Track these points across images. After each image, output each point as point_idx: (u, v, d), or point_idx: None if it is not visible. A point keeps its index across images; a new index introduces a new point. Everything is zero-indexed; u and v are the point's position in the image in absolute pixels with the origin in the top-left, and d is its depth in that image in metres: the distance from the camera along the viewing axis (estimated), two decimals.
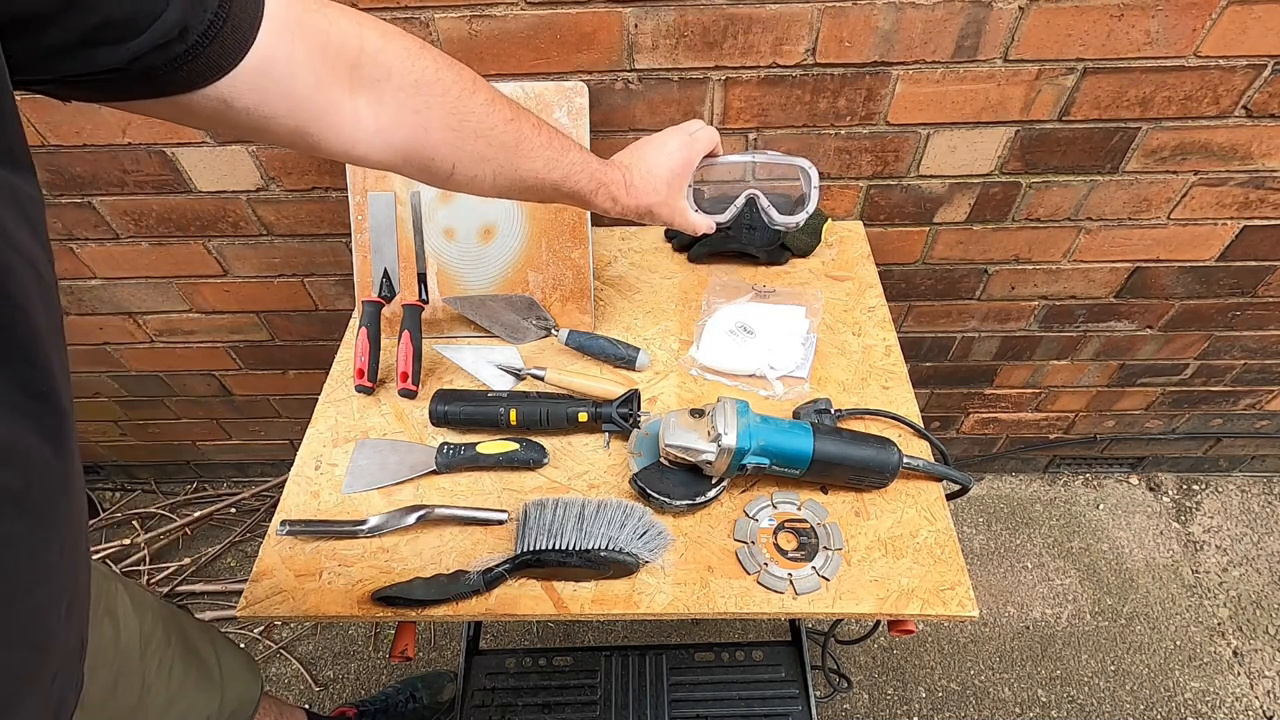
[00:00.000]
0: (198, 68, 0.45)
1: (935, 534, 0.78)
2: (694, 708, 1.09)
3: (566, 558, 0.73)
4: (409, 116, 0.58)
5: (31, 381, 0.34)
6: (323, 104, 0.53)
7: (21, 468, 0.34)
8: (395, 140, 0.58)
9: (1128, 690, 1.47)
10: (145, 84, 0.44)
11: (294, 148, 0.56)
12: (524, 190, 0.68)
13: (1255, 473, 1.81)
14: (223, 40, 0.45)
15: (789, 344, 0.95)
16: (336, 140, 0.55)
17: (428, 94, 0.58)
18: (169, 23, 0.42)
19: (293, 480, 0.85)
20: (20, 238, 0.33)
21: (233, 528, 1.75)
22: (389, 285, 0.96)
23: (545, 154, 0.67)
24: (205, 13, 0.44)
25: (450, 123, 0.60)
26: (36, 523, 0.36)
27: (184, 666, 0.82)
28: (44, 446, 0.35)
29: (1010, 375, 1.52)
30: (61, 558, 0.38)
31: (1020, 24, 0.93)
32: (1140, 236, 1.21)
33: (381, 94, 0.56)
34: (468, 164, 0.62)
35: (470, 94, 0.60)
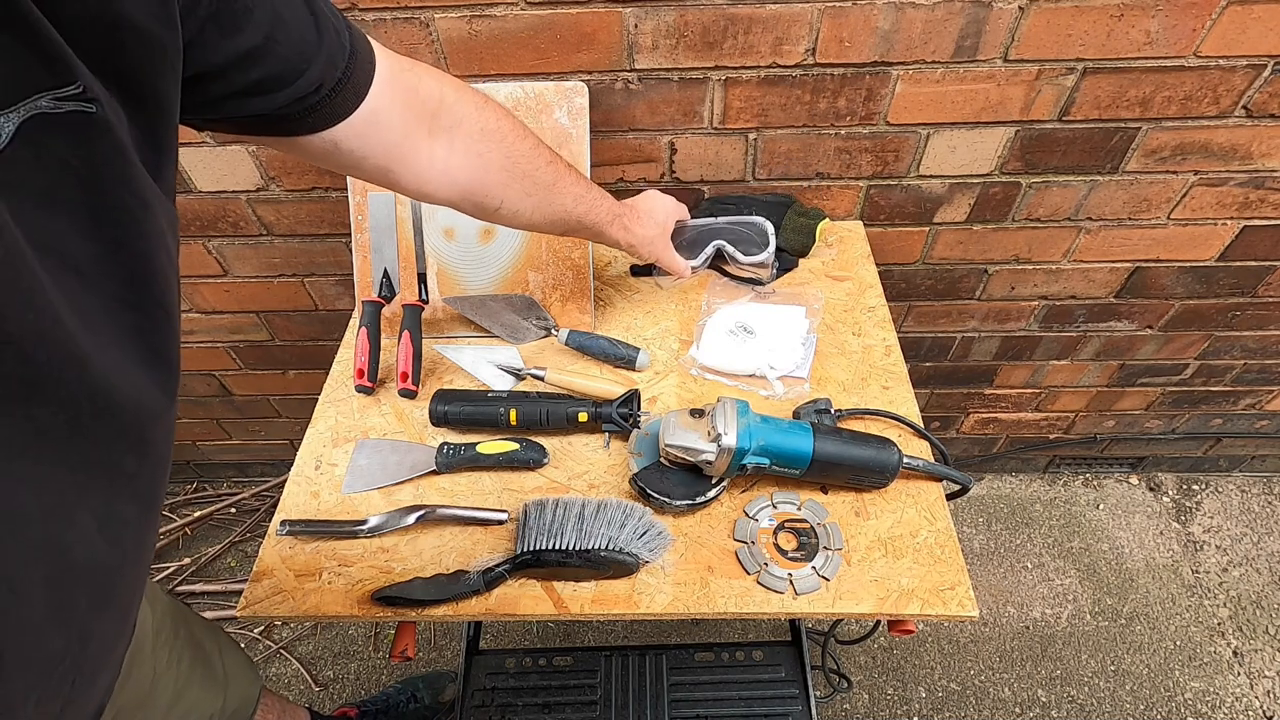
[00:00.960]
0: (321, 116, 0.53)
1: (935, 534, 0.78)
2: (694, 708, 1.09)
3: (566, 558, 0.73)
4: (473, 160, 0.68)
5: (166, 382, 0.42)
6: (408, 148, 0.62)
7: (139, 457, 0.41)
8: (460, 179, 0.68)
9: (1128, 690, 1.47)
10: (276, 126, 0.52)
11: (376, 183, 0.65)
12: (554, 223, 0.78)
13: (1255, 473, 1.81)
14: (344, 95, 0.54)
15: (789, 344, 0.95)
16: (413, 179, 0.65)
17: (490, 140, 0.68)
18: (311, 79, 0.50)
19: (293, 480, 0.85)
20: (174, 254, 0.41)
21: (233, 528, 1.75)
22: (389, 285, 0.96)
23: (575, 190, 0.77)
24: (336, 70, 0.52)
25: (505, 164, 0.70)
26: (144, 509, 0.42)
27: (190, 661, 0.83)
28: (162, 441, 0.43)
29: (1010, 375, 1.52)
30: (153, 534, 0.46)
31: (1020, 24, 0.93)
32: (1140, 236, 1.21)
33: (454, 139, 0.66)
34: (514, 199, 0.72)
35: (521, 139, 0.71)
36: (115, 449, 0.38)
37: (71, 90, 0.31)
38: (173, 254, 0.41)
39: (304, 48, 0.49)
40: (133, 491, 0.41)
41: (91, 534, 0.38)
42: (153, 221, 0.38)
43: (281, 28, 0.47)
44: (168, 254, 0.40)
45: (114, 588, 0.41)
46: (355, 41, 0.54)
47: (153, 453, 0.42)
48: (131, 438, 0.39)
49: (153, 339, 0.40)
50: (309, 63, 0.49)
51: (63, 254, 0.33)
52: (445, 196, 0.69)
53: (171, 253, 0.41)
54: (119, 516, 0.40)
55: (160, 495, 0.46)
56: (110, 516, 0.39)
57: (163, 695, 0.78)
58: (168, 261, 0.40)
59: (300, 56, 0.49)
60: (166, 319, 0.41)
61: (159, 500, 0.46)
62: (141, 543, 0.44)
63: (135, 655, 0.73)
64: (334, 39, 0.51)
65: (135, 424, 0.39)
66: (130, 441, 0.39)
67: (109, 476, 0.39)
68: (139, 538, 0.43)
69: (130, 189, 0.36)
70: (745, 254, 1.01)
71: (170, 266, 0.40)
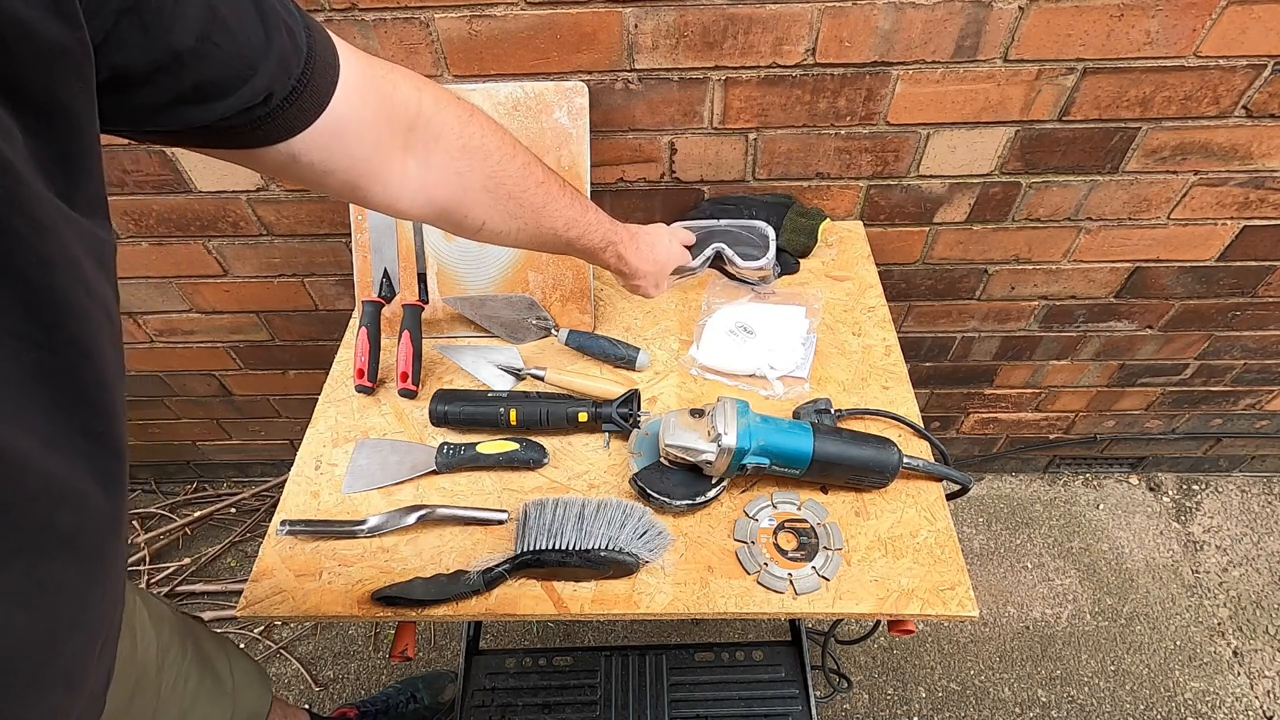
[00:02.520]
0: (274, 127, 0.48)
1: (935, 534, 0.78)
2: (694, 708, 1.09)
3: (566, 558, 0.73)
4: (452, 178, 0.62)
5: (90, 424, 0.35)
6: (378, 162, 0.56)
7: (75, 510, 0.35)
8: (436, 197, 0.62)
9: (1128, 690, 1.47)
10: (222, 138, 0.47)
11: (341, 199, 0.59)
12: (542, 243, 0.74)
13: (1255, 473, 1.81)
14: (301, 104, 0.48)
15: (789, 344, 0.95)
16: (383, 194, 0.59)
17: (472, 158, 0.62)
18: (257, 88, 0.44)
19: (293, 480, 0.85)
20: (96, 283, 0.34)
21: (233, 528, 1.75)
22: (389, 285, 0.96)
23: (567, 214, 0.72)
24: (289, 79, 0.46)
25: (488, 185, 0.64)
26: (84, 565, 0.36)
27: (198, 678, 0.83)
28: (97, 489, 0.36)
29: (1010, 375, 1.52)
30: (103, 599, 0.39)
31: (1020, 24, 0.93)
32: (1140, 236, 1.21)
33: (430, 155, 0.60)
34: (497, 221, 0.67)
35: (510, 159, 0.65)
36: (33, 509, 0.32)
37: None
38: (95, 288, 0.34)
39: (248, 51, 0.43)
40: (70, 550, 0.35)
41: (8, 613, 0.32)
42: (57, 247, 0.32)
43: (219, 28, 0.41)
44: (85, 286, 0.33)
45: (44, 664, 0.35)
46: (315, 43, 0.48)
47: (90, 504, 0.36)
48: (52, 495, 0.33)
49: (71, 381, 0.34)
50: (254, 69, 0.43)
51: None
52: (419, 214, 0.63)
53: (93, 286, 0.34)
54: (48, 583, 0.34)
55: (116, 540, 0.39)
56: (35, 587, 0.33)
57: (168, 716, 0.77)
58: (85, 294, 0.33)
59: (243, 61, 0.43)
60: (90, 363, 0.34)
61: (113, 547, 0.39)
62: (87, 603, 0.37)
63: (138, 684, 0.73)
64: (285, 41, 0.45)
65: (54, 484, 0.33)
66: (52, 498, 0.33)
67: (33, 539, 0.32)
68: (79, 597, 0.36)
69: (22, 216, 0.30)
70: (745, 258, 1.01)
71: (90, 301, 0.34)
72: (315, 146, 0.51)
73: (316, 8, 0.92)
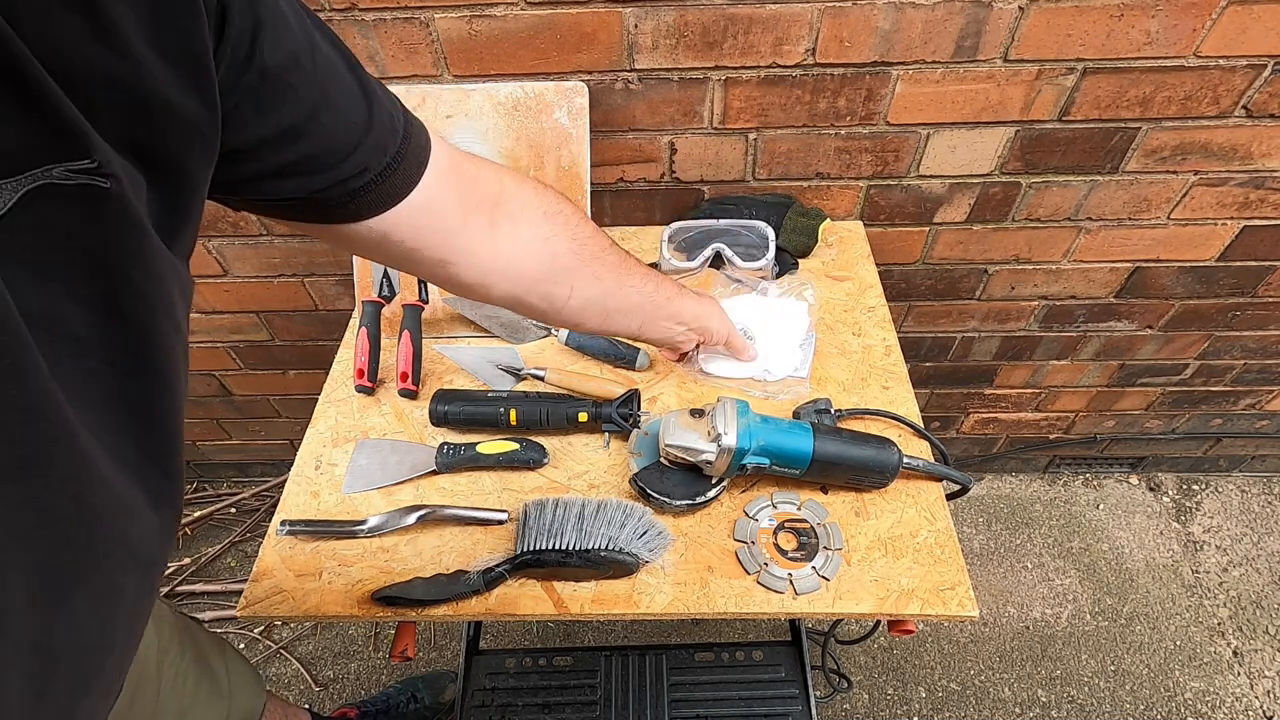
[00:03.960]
0: (367, 202, 0.49)
1: (935, 534, 0.78)
2: (694, 708, 1.09)
3: (566, 558, 0.73)
4: (539, 245, 0.63)
5: (157, 449, 0.39)
6: (467, 238, 0.58)
7: (140, 525, 0.38)
8: (527, 267, 0.63)
9: (1128, 690, 1.47)
10: (317, 210, 0.48)
11: (432, 279, 0.60)
12: (624, 308, 0.73)
13: (1255, 473, 1.81)
14: (393, 181, 0.49)
15: (788, 346, 0.95)
16: (475, 272, 0.60)
17: (554, 223, 0.64)
18: (354, 164, 0.46)
19: (293, 480, 0.85)
20: (183, 322, 0.39)
21: (233, 528, 1.75)
22: (389, 285, 0.96)
23: (642, 271, 0.73)
24: (385, 155, 0.48)
25: (573, 247, 0.65)
26: (140, 576, 0.40)
27: (196, 678, 0.83)
28: (153, 507, 0.39)
29: (1010, 375, 1.52)
30: (148, 607, 0.43)
31: (1020, 24, 0.93)
32: (1140, 236, 1.21)
33: (518, 226, 0.61)
34: (584, 285, 0.67)
35: (583, 222, 0.67)
36: (114, 521, 0.36)
37: (85, 164, 0.30)
38: (181, 325, 0.39)
39: (351, 131, 0.46)
40: (134, 560, 0.39)
41: (83, 615, 0.35)
42: (163, 295, 0.36)
43: (328, 108, 0.44)
44: (175, 327, 0.38)
45: (101, 670, 0.39)
46: (410, 126, 0.51)
47: (149, 521, 0.40)
48: (127, 508, 0.37)
49: (150, 409, 0.38)
50: (354, 147, 0.46)
51: (56, 323, 0.32)
52: (508, 290, 0.63)
53: (180, 324, 0.39)
54: (116, 589, 0.38)
55: (165, 557, 0.43)
56: (107, 592, 0.37)
57: (167, 715, 0.78)
58: (174, 334, 0.38)
59: (346, 141, 0.45)
60: (166, 390, 0.39)
61: (163, 559, 0.43)
62: (138, 613, 0.41)
63: (139, 683, 0.73)
64: (386, 123, 0.48)
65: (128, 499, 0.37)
66: (127, 512, 0.37)
67: (109, 548, 0.36)
68: (135, 608, 0.41)
69: (141, 264, 0.34)
70: (745, 258, 1.01)
71: (176, 339, 0.39)
72: (406, 223, 0.52)
73: (317, 8, 0.92)
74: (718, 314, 0.84)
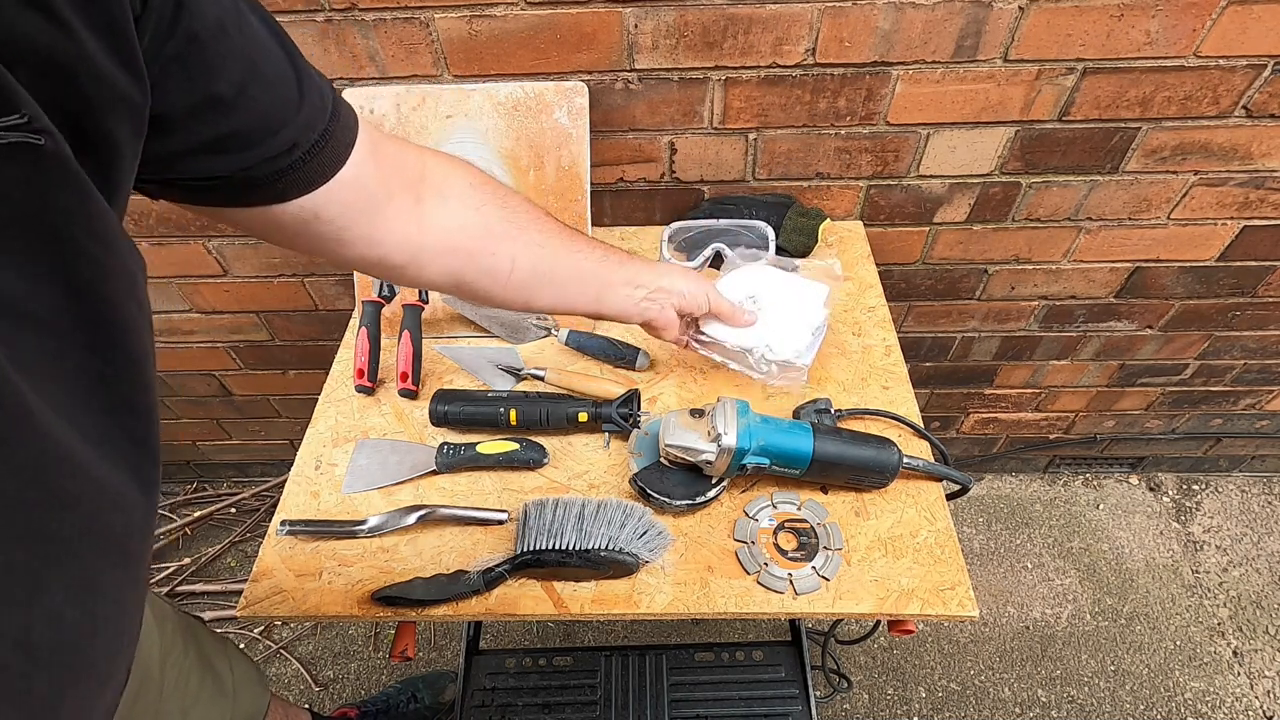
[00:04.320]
0: (296, 180, 0.48)
1: (935, 534, 0.78)
2: (694, 708, 1.09)
3: (566, 558, 0.73)
4: (470, 215, 0.62)
5: (135, 430, 0.37)
6: (394, 217, 0.57)
7: (122, 511, 0.37)
8: (459, 241, 0.61)
9: (1128, 690, 1.47)
10: (244, 192, 0.47)
11: (363, 265, 0.59)
12: (579, 278, 0.70)
13: (1255, 473, 1.81)
14: (321, 158, 0.49)
15: (797, 328, 0.87)
16: (404, 249, 0.59)
17: (482, 193, 0.63)
18: (283, 139, 0.46)
19: (293, 480, 0.85)
20: (143, 296, 0.37)
21: (233, 528, 1.75)
22: (389, 285, 0.96)
23: (584, 236, 0.71)
24: (313, 133, 0.48)
25: (505, 215, 0.64)
26: (126, 566, 0.38)
27: (199, 678, 0.83)
28: (137, 491, 0.38)
29: (1010, 375, 1.52)
30: (135, 596, 0.41)
31: (1020, 24, 0.93)
32: (1140, 236, 1.21)
33: (445, 200, 0.61)
34: (525, 254, 0.65)
35: (513, 194, 0.66)
36: (91, 510, 0.34)
37: (14, 120, 0.28)
38: (142, 299, 0.37)
39: (281, 107, 0.45)
40: (118, 547, 0.37)
41: (63, 608, 0.34)
42: (117, 263, 0.34)
43: (258, 82, 0.43)
44: (138, 303, 0.36)
45: (90, 663, 0.37)
46: (339, 105, 0.51)
47: (131, 505, 0.38)
48: (109, 498, 0.35)
49: (120, 388, 0.36)
50: (284, 123, 0.45)
51: (11, 305, 0.30)
52: (444, 267, 0.62)
53: (141, 297, 0.37)
54: (98, 579, 0.36)
55: (149, 541, 0.41)
56: (87, 582, 0.35)
57: (170, 714, 0.78)
58: (138, 311, 0.36)
59: (275, 116, 0.45)
60: (137, 370, 0.37)
61: (147, 548, 0.42)
62: (126, 601, 0.39)
63: (142, 683, 0.73)
64: (315, 100, 0.48)
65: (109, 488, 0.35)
66: (106, 499, 0.35)
67: (87, 537, 0.34)
68: (122, 597, 0.39)
69: (86, 225, 0.32)
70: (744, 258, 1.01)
71: (141, 316, 0.37)
72: (336, 201, 0.52)
73: (316, 7, 0.92)
74: (683, 275, 0.79)
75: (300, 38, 0.95)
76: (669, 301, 0.77)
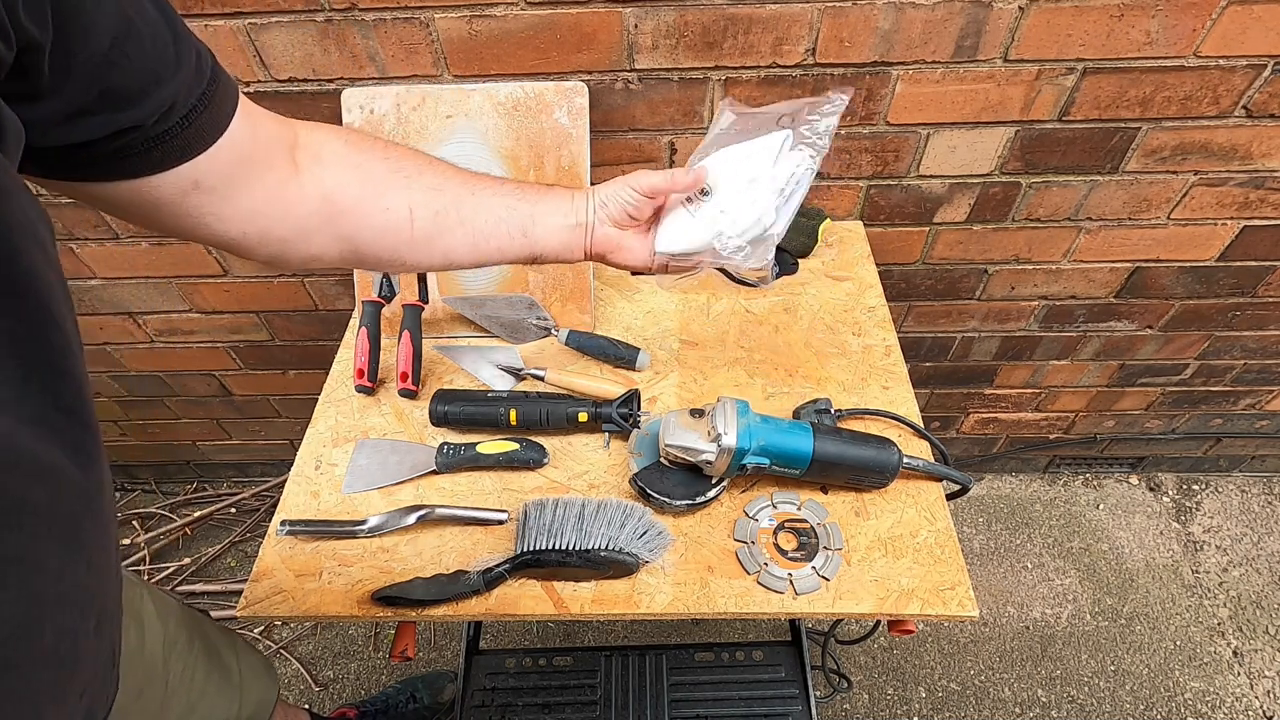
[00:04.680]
0: (173, 146, 0.46)
1: (935, 534, 0.78)
2: (694, 708, 1.09)
3: (566, 558, 0.73)
4: (350, 172, 0.58)
5: (60, 396, 0.34)
6: (272, 183, 0.55)
7: (50, 486, 0.34)
8: (346, 202, 0.58)
9: (1128, 690, 1.47)
10: (118, 161, 0.45)
11: (245, 242, 0.56)
12: (493, 217, 0.64)
13: (1255, 473, 1.81)
14: (200, 123, 0.47)
15: (759, 196, 0.67)
16: (287, 222, 0.56)
17: (359, 150, 0.60)
18: (161, 99, 0.44)
19: (293, 480, 0.85)
20: (50, 248, 0.34)
21: (233, 528, 1.75)
22: (389, 285, 0.96)
23: (489, 176, 0.66)
24: (191, 96, 0.46)
25: (390, 166, 0.60)
26: (64, 542, 0.36)
27: (205, 670, 0.83)
28: (70, 462, 0.35)
29: (1010, 375, 1.52)
30: (89, 574, 0.38)
31: (1020, 24, 0.93)
32: (1140, 236, 1.21)
33: (322, 163, 0.58)
34: (422, 200, 0.61)
35: (398, 146, 0.62)
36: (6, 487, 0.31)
37: None
38: (50, 252, 0.34)
39: (157, 65, 0.43)
40: (50, 527, 0.34)
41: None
42: (15, 210, 0.31)
43: (133, 39, 0.41)
44: (43, 251, 0.33)
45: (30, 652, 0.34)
46: (218, 70, 0.49)
47: (65, 479, 0.35)
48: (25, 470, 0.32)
49: (39, 351, 0.32)
50: (159, 82, 0.43)
51: None
52: (334, 236, 0.58)
53: (48, 250, 0.33)
54: (28, 562, 0.33)
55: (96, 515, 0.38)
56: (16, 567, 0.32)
57: (176, 709, 0.78)
58: (43, 259, 0.33)
59: (151, 74, 0.43)
60: (55, 328, 0.33)
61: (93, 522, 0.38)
62: (65, 578, 0.36)
63: (147, 678, 0.73)
64: (192, 60, 0.46)
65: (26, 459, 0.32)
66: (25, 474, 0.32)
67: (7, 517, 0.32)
68: (60, 574, 0.35)
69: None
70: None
71: (48, 266, 0.33)
72: (215, 169, 0.50)
73: (316, 7, 0.92)
74: (602, 185, 0.69)
75: (300, 38, 0.95)
76: (602, 216, 0.67)
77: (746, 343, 0.99)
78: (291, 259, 0.59)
